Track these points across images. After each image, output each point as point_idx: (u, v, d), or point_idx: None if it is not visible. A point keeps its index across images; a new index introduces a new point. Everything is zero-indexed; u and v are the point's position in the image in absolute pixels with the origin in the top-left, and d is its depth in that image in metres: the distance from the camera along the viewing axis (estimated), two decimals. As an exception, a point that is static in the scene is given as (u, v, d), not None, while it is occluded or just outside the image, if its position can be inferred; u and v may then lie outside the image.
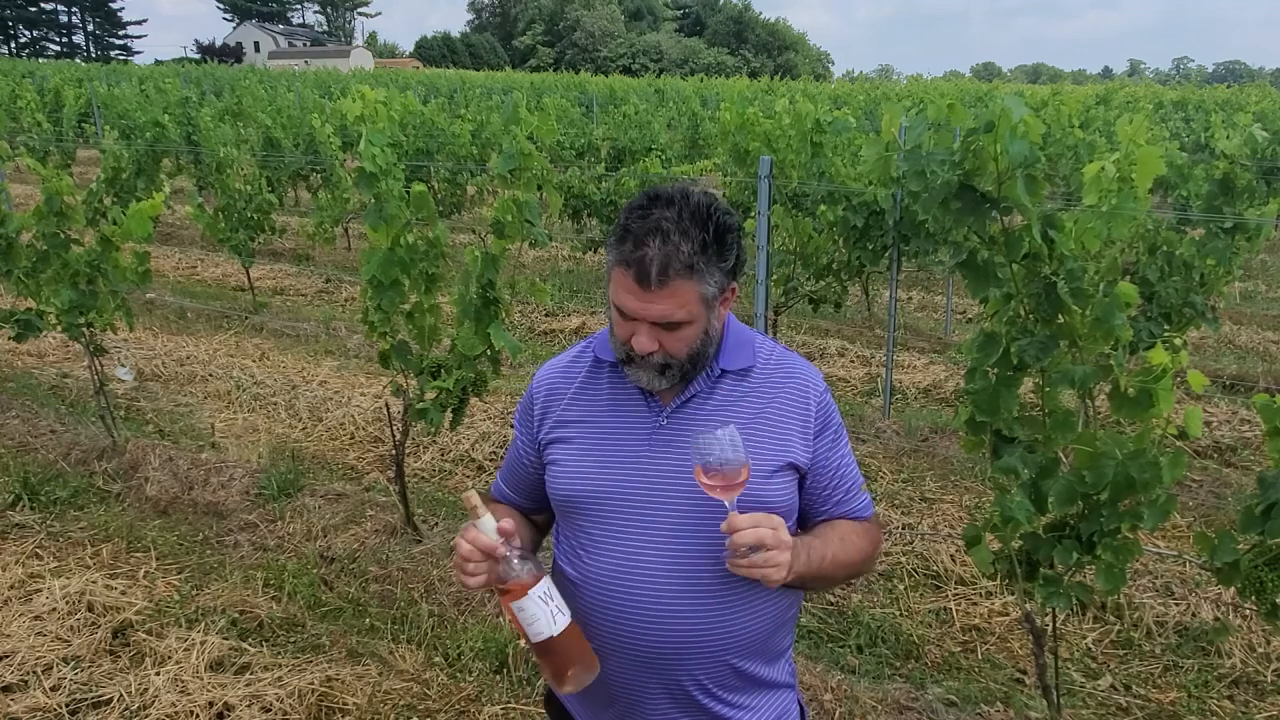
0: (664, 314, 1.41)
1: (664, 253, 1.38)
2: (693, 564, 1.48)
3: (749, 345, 1.58)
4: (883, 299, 8.22)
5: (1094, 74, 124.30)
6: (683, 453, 1.48)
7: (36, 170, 4.34)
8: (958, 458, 4.82)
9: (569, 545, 1.58)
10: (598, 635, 1.51)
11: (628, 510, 1.50)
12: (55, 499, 4.30)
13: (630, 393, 1.56)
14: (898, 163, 2.06)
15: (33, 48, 79.23)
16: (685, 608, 1.47)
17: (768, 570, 1.36)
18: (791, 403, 1.55)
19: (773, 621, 1.57)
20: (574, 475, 1.55)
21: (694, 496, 1.45)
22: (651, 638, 1.48)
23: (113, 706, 2.87)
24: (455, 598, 3.56)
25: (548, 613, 1.38)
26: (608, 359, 1.58)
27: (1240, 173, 4.64)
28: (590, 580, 1.52)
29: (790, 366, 1.59)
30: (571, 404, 1.60)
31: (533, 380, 1.69)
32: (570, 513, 1.57)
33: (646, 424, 1.53)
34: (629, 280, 1.41)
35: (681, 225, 1.40)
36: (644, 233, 1.40)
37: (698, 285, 1.42)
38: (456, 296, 3.46)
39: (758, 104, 10.76)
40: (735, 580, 1.47)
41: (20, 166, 14.60)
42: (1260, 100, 19.35)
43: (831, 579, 1.58)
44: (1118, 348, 2.08)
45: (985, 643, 3.41)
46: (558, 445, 1.59)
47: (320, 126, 9.73)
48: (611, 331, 1.52)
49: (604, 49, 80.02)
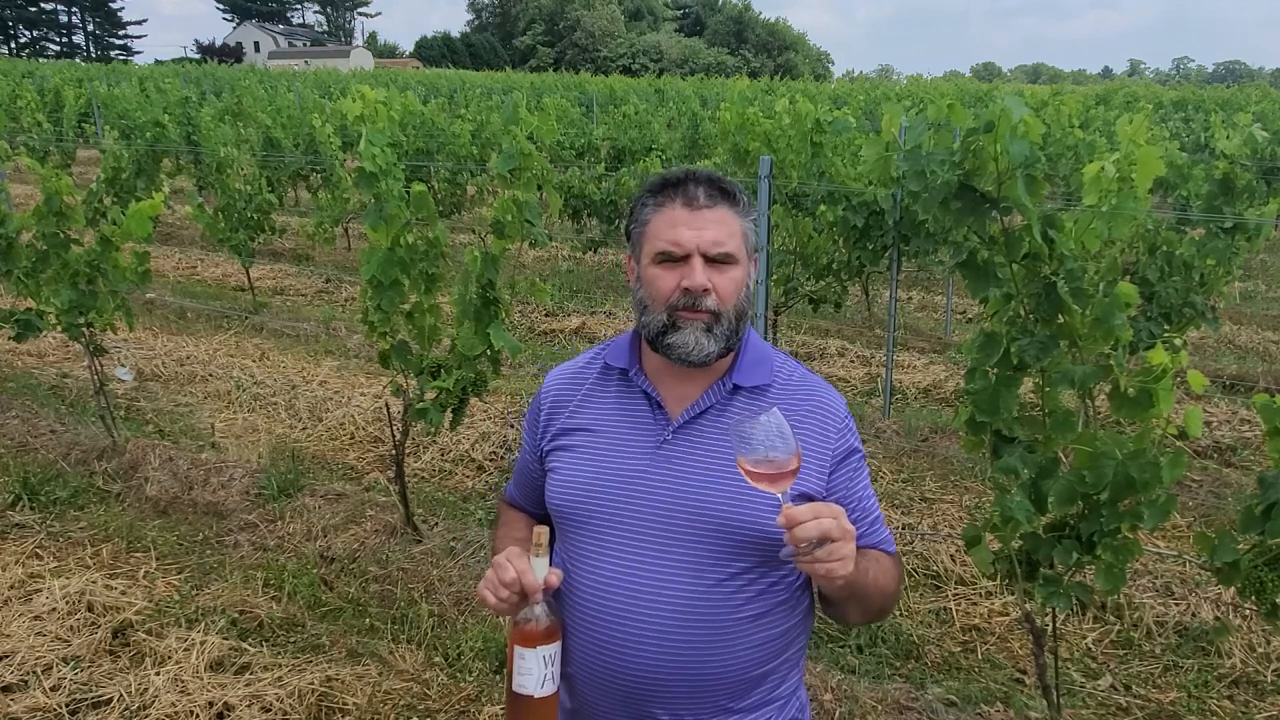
0: (716, 239, 1.39)
1: (706, 182, 1.42)
2: (685, 591, 1.39)
3: (767, 362, 1.50)
4: (883, 299, 8.22)
5: (1094, 74, 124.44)
6: (687, 472, 1.42)
7: (36, 170, 4.34)
8: (958, 458, 4.82)
9: (562, 561, 1.51)
10: (574, 657, 1.45)
11: (622, 527, 1.43)
12: (55, 499, 4.29)
13: (637, 403, 1.49)
14: (898, 163, 2.07)
15: (33, 48, 79.20)
16: (672, 639, 1.38)
17: (834, 565, 1.23)
18: (811, 428, 1.46)
19: (771, 656, 1.46)
20: (570, 485, 1.48)
21: (694, 520, 1.39)
22: (630, 667, 1.40)
23: (113, 706, 2.87)
24: (455, 598, 3.56)
25: (541, 675, 1.35)
26: (618, 366, 1.52)
27: (1240, 173, 4.64)
28: (574, 596, 1.45)
29: (811, 388, 1.51)
30: (577, 411, 1.54)
31: (542, 384, 1.64)
32: (565, 524, 1.50)
33: (652, 437, 1.46)
34: (675, 210, 1.41)
35: (711, 173, 1.45)
36: (681, 175, 1.43)
37: (740, 219, 1.43)
38: (456, 296, 3.46)
39: (758, 104, 10.74)
40: (731, 612, 1.39)
41: (20, 166, 14.58)
42: (1260, 100, 19.37)
43: (867, 601, 1.44)
44: (1118, 348, 2.08)
45: (985, 643, 3.41)
46: (559, 453, 1.53)
47: (320, 126, 9.73)
48: (645, 308, 1.44)
49: (604, 49, 79.99)
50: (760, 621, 1.42)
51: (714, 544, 1.39)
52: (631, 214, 1.49)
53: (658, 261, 1.41)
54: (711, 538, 1.39)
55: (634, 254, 1.49)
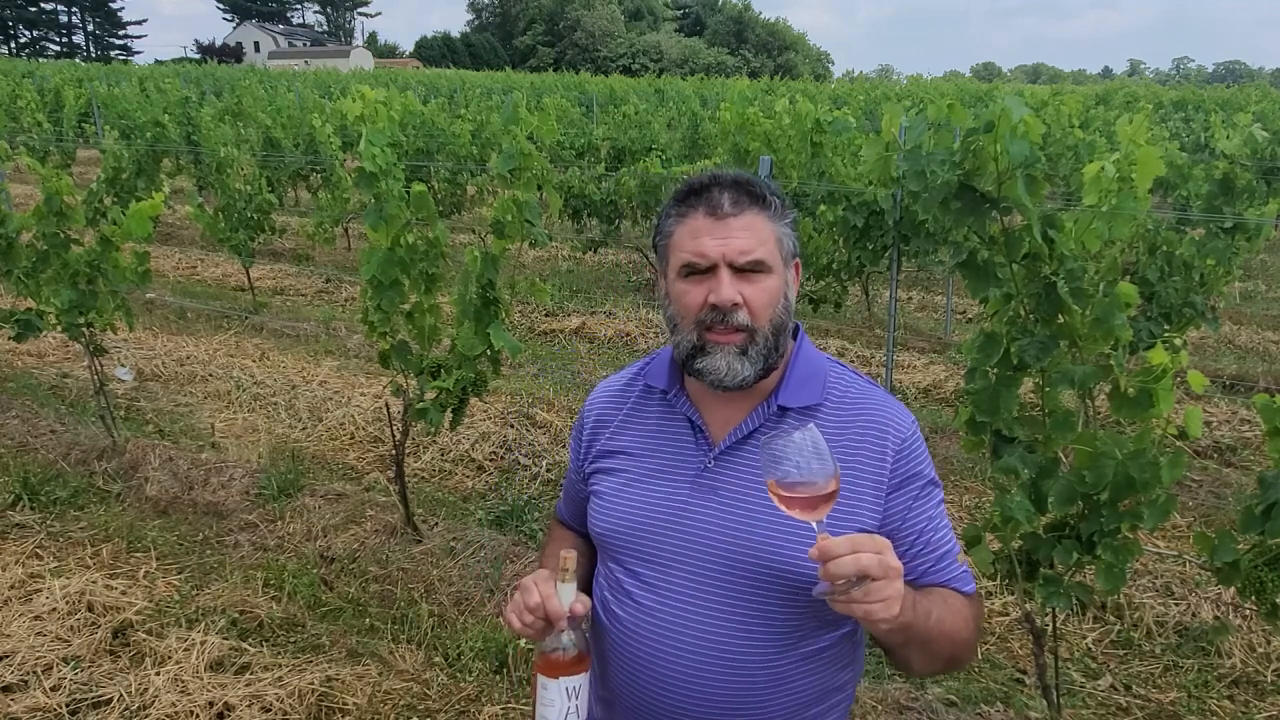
0: (744, 249, 1.27)
1: (732, 187, 1.31)
2: (722, 635, 1.30)
3: (818, 378, 1.38)
4: (883, 299, 8.22)
5: (1094, 74, 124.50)
6: (729, 501, 1.33)
7: (36, 170, 4.34)
8: (958, 458, 4.82)
9: (600, 587, 1.45)
10: (611, 684, 1.39)
11: (661, 559, 1.35)
12: (55, 499, 4.29)
13: (679, 426, 1.40)
14: (898, 163, 2.07)
15: (33, 48, 79.29)
16: (710, 678, 1.30)
17: (873, 606, 1.10)
18: (863, 449, 1.32)
19: (815, 701, 1.36)
20: (611, 512, 1.41)
21: (735, 559, 1.30)
22: (663, 705, 1.33)
23: (113, 706, 2.87)
24: (455, 598, 3.56)
25: (564, 708, 1.27)
26: (659, 386, 1.43)
27: (1240, 173, 4.64)
28: (614, 629, 1.39)
29: (867, 403, 1.37)
30: (618, 432, 1.46)
31: (585, 401, 1.57)
32: (606, 551, 1.44)
33: (692, 464, 1.37)
34: (699, 220, 1.30)
35: (739, 175, 1.34)
36: (707, 180, 1.33)
37: (773, 223, 1.31)
38: (456, 296, 3.46)
39: (758, 104, 10.75)
40: (772, 654, 1.30)
41: (20, 166, 14.59)
42: (1260, 100, 19.37)
43: (934, 648, 1.28)
44: (1118, 348, 2.08)
45: (985, 643, 3.40)
46: (601, 475, 1.46)
47: (320, 126, 9.73)
48: (675, 326, 1.34)
49: (604, 49, 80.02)
50: (805, 667, 1.33)
51: (761, 588, 1.30)
52: (657, 226, 1.40)
53: (683, 275, 1.31)
54: (753, 580, 1.29)
55: (661, 269, 1.40)
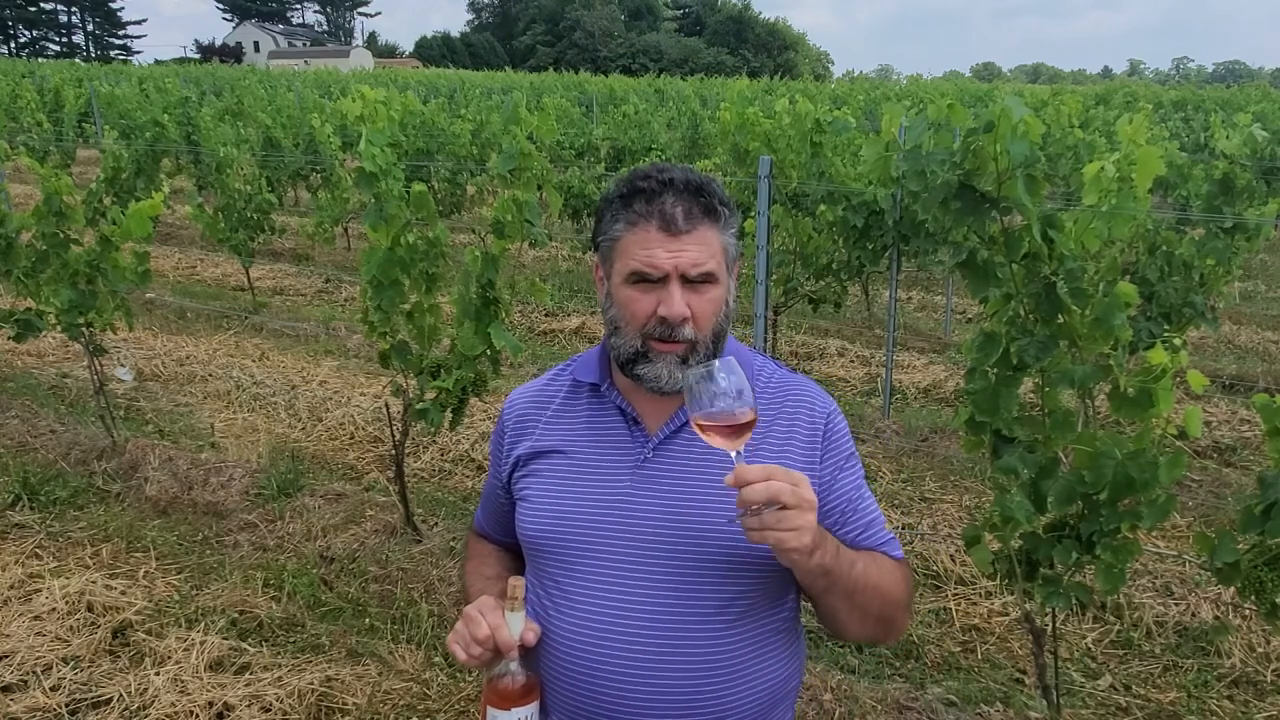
0: (695, 261, 1.27)
1: (685, 196, 1.29)
2: (676, 622, 1.27)
3: (747, 366, 1.37)
4: (883, 299, 8.22)
5: (1094, 74, 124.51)
6: (669, 487, 1.31)
7: (36, 170, 4.34)
8: (958, 458, 4.82)
9: (535, 596, 1.37)
10: (563, 706, 1.32)
11: (604, 558, 1.30)
12: (55, 499, 4.29)
13: (612, 420, 1.38)
14: (898, 163, 2.07)
15: (33, 48, 79.26)
16: (668, 678, 1.27)
17: (783, 534, 1.11)
18: (795, 423, 1.37)
19: (771, 693, 1.35)
20: (543, 514, 1.35)
21: (684, 544, 1.28)
22: (624, 712, 1.28)
23: (112, 706, 2.87)
24: (455, 598, 3.56)
25: None
26: (588, 380, 1.40)
27: (1240, 173, 4.64)
28: (557, 639, 1.31)
29: (792, 386, 1.42)
30: (545, 432, 1.41)
31: (503, 407, 1.50)
32: (538, 557, 1.37)
33: (630, 456, 1.34)
34: (650, 232, 1.27)
35: (689, 177, 1.31)
36: (656, 186, 1.29)
37: (721, 234, 1.31)
38: (456, 296, 3.46)
39: (757, 104, 10.74)
40: (729, 647, 1.28)
41: (20, 166, 14.58)
42: (1260, 100, 19.37)
43: (861, 600, 1.31)
44: (1117, 348, 2.08)
45: (985, 643, 3.41)
46: (528, 479, 1.40)
47: (320, 126, 9.73)
48: (617, 329, 1.33)
49: (604, 49, 79.98)
50: (761, 653, 1.33)
51: (706, 569, 1.29)
52: (599, 222, 1.36)
53: (631, 282, 1.29)
54: (703, 562, 1.29)
55: (605, 269, 1.36)
